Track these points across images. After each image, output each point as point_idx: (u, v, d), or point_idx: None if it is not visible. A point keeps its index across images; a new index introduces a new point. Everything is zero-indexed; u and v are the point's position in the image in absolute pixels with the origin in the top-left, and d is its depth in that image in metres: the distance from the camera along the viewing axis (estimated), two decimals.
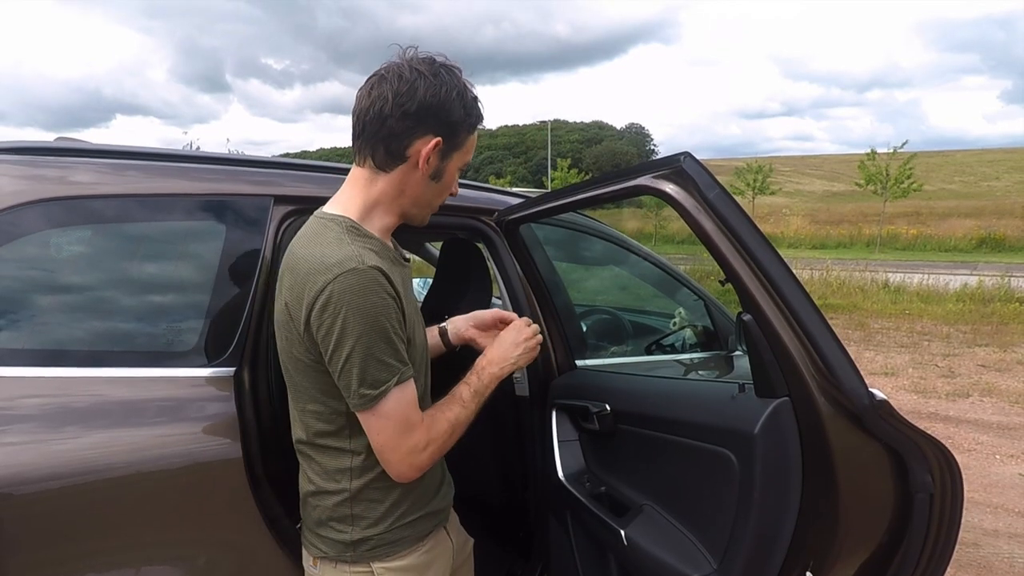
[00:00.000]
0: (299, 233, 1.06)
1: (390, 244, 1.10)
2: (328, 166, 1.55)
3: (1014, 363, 5.92)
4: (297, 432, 1.11)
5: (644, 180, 1.16)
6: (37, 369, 1.12)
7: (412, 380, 1.03)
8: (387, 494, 1.08)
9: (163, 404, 1.18)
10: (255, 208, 1.35)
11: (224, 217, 1.34)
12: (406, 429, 1.01)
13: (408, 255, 1.21)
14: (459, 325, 1.37)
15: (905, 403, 4.80)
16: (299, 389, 1.07)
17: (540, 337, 1.27)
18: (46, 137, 1.38)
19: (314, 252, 0.98)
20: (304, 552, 1.17)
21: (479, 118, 1.07)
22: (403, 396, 1.01)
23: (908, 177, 20.82)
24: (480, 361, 1.19)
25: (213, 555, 1.22)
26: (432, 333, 1.36)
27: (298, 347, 1.02)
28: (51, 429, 1.10)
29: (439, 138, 1.02)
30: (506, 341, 1.22)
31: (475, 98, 1.06)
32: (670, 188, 1.11)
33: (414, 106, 0.99)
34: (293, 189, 1.42)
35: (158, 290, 1.29)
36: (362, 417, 1.01)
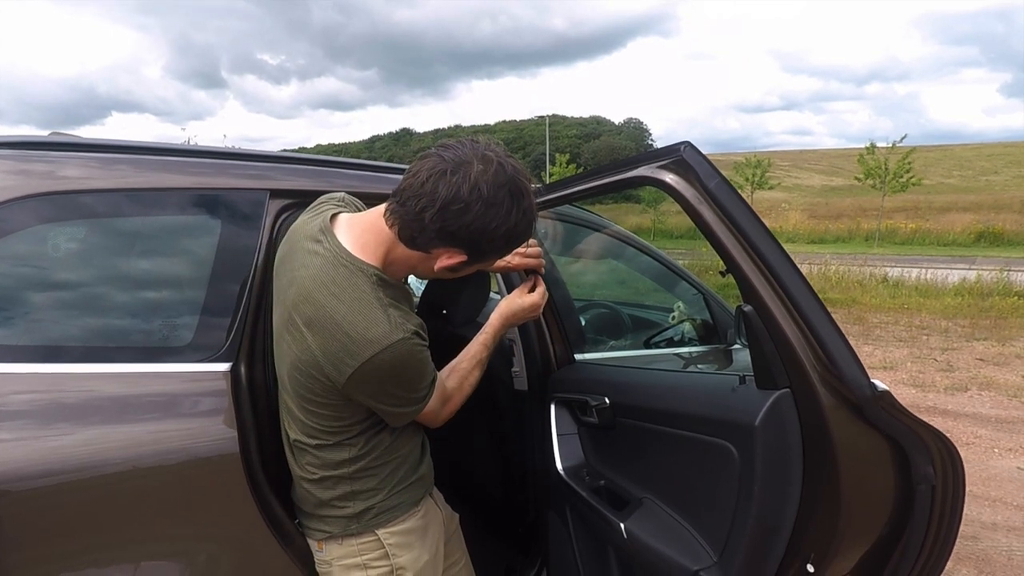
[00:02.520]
0: (315, 269, 1.01)
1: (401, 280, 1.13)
2: (324, 160, 1.53)
3: (1012, 357, 5.92)
4: (295, 434, 1.12)
5: (644, 170, 1.15)
6: (31, 365, 1.11)
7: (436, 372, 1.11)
8: (383, 468, 1.13)
9: (159, 399, 1.17)
10: (251, 202, 1.34)
11: (219, 211, 1.32)
12: (442, 404, 1.18)
13: None
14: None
15: (904, 397, 4.79)
16: (310, 412, 1.07)
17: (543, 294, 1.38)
18: (41, 135, 1.37)
19: (353, 318, 0.96)
20: (308, 540, 1.19)
21: (521, 242, 1.05)
22: (435, 388, 1.11)
23: (907, 171, 20.82)
24: (494, 321, 1.31)
25: (212, 551, 1.21)
26: None
27: (322, 386, 1.02)
28: (45, 425, 1.09)
29: (465, 256, 1.02)
30: (526, 302, 1.34)
31: (529, 225, 1.01)
32: (670, 178, 1.10)
33: (454, 226, 0.96)
34: (289, 183, 1.41)
35: (153, 285, 1.28)
36: None
